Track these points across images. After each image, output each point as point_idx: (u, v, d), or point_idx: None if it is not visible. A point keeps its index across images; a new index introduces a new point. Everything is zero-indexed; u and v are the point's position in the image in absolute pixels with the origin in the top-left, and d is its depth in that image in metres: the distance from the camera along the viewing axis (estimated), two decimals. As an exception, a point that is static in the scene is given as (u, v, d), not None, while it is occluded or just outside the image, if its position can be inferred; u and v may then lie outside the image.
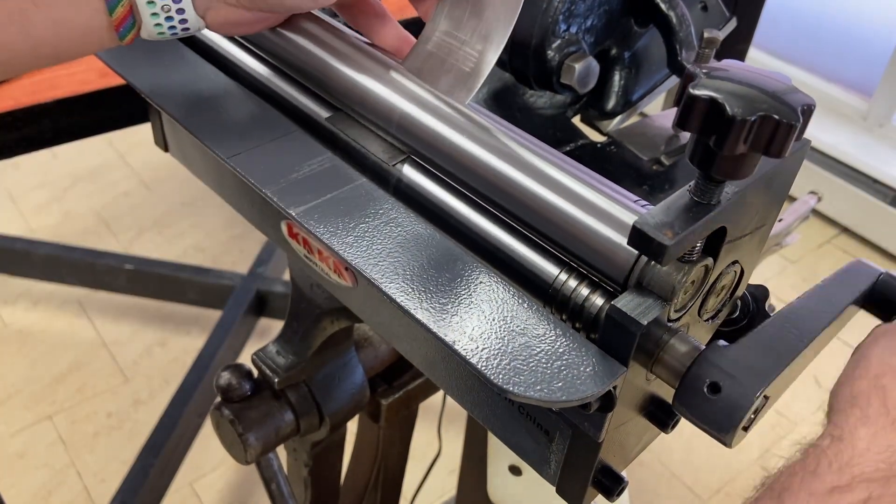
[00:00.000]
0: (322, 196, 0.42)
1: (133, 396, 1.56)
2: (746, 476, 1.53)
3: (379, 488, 0.84)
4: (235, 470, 1.45)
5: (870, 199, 2.05)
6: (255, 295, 1.63)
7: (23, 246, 1.71)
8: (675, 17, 0.55)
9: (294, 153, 0.45)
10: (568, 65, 0.53)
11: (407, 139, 0.45)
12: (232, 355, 1.58)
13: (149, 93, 0.50)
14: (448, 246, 0.39)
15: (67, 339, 1.67)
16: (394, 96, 0.46)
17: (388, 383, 0.74)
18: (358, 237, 0.39)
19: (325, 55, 0.49)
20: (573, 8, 0.53)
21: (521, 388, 0.32)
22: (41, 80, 0.72)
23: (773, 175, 0.37)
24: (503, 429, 0.42)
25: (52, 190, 2.04)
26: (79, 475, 1.43)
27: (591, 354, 0.34)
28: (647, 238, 0.32)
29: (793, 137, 0.30)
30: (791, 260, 2.04)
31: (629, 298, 0.34)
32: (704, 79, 0.31)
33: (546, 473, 0.42)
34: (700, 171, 0.33)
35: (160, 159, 2.11)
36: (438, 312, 0.35)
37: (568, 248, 0.39)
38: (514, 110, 0.59)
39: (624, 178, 0.55)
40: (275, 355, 0.65)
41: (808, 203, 0.74)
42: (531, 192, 0.40)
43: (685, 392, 0.35)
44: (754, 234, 0.40)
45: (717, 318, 0.43)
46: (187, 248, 1.90)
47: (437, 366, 0.44)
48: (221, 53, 0.56)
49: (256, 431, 0.63)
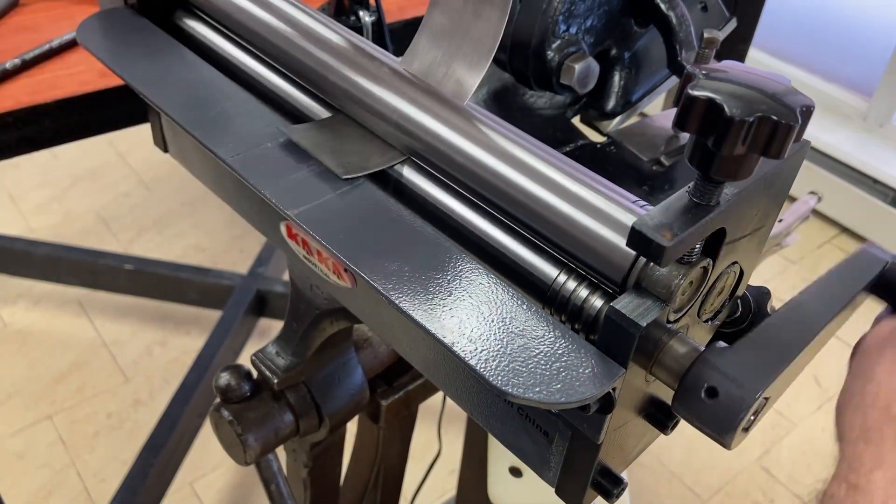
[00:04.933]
0: (321, 197, 0.42)
1: (133, 396, 1.56)
2: (746, 476, 1.53)
3: (379, 489, 0.84)
4: (235, 470, 1.45)
5: (870, 199, 2.05)
6: (255, 295, 1.63)
7: (23, 246, 1.71)
8: (675, 18, 0.54)
9: (293, 154, 0.45)
10: (568, 65, 0.53)
11: (405, 140, 0.45)
12: (232, 355, 1.58)
13: (148, 93, 0.50)
14: (447, 247, 0.39)
15: (67, 339, 1.67)
16: (393, 97, 0.46)
17: (388, 384, 0.74)
18: (356, 238, 0.39)
19: (325, 56, 0.49)
20: (573, 8, 0.53)
21: (520, 389, 0.32)
22: (41, 80, 0.72)
23: (772, 176, 0.37)
24: (502, 430, 0.42)
25: (52, 190, 2.04)
26: (79, 475, 1.43)
27: (591, 356, 0.34)
28: (646, 239, 0.32)
29: (791, 138, 0.30)
30: (791, 260, 2.04)
31: (628, 300, 0.34)
32: (703, 79, 0.31)
33: (545, 475, 0.42)
34: (699, 171, 0.33)
35: (160, 159, 2.11)
36: (437, 314, 0.35)
37: (567, 250, 0.39)
38: (513, 111, 0.59)
39: (624, 178, 0.55)
40: (274, 356, 0.65)
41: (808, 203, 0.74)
42: (530, 192, 0.40)
43: (684, 394, 0.35)
44: (754, 234, 0.40)
45: (717, 320, 0.43)
46: (187, 248, 1.90)
47: (437, 367, 0.44)
48: (221, 54, 0.56)
49: (256, 432, 0.63)
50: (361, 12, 0.70)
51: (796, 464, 1.56)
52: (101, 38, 0.55)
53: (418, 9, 0.86)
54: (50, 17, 0.82)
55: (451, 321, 0.35)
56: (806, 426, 1.63)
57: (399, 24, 0.83)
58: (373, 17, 0.70)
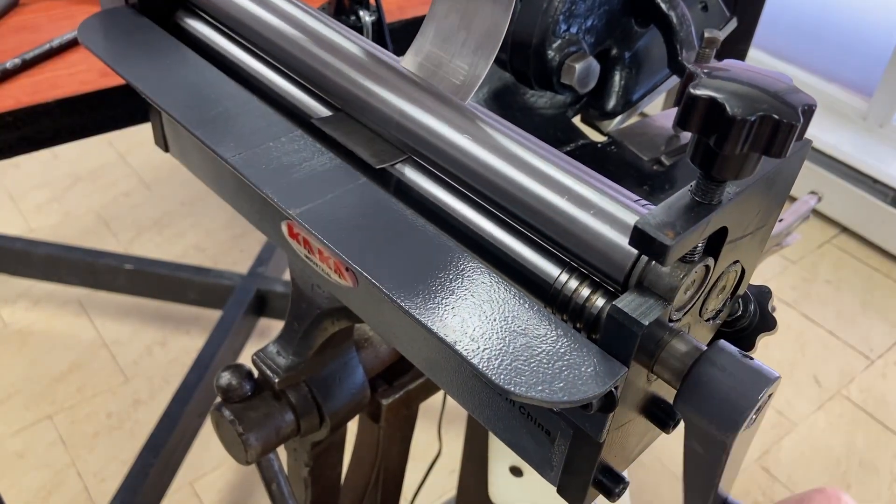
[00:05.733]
0: (323, 196, 0.42)
1: (133, 396, 1.57)
2: (746, 476, 1.53)
3: (379, 488, 0.84)
4: (235, 470, 1.45)
5: (870, 199, 2.05)
6: (255, 295, 1.63)
7: (23, 246, 1.71)
8: (675, 17, 0.55)
9: (294, 153, 0.45)
10: (568, 65, 0.53)
11: (407, 139, 0.45)
12: (232, 355, 1.58)
13: (149, 93, 0.50)
14: (449, 246, 0.39)
15: (67, 339, 1.67)
16: (393, 96, 0.46)
17: (389, 383, 0.74)
18: (358, 237, 0.39)
19: (326, 55, 0.49)
20: (573, 8, 0.53)
21: (523, 388, 0.32)
22: (41, 80, 0.72)
23: (774, 175, 0.37)
24: (504, 429, 0.42)
25: (52, 190, 2.04)
26: (79, 475, 1.43)
27: (593, 355, 0.34)
28: (648, 238, 0.32)
29: (793, 137, 0.30)
30: (791, 260, 2.04)
31: (630, 299, 0.34)
32: (705, 78, 0.31)
33: (547, 474, 0.42)
34: (701, 171, 0.33)
35: (160, 159, 2.11)
36: (439, 313, 0.35)
37: (569, 249, 0.39)
38: (514, 110, 0.59)
39: (624, 178, 0.55)
40: (275, 355, 0.65)
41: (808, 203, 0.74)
42: (532, 192, 0.40)
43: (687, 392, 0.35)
44: (755, 233, 0.40)
45: (719, 319, 0.43)
46: (187, 248, 1.90)
47: (438, 366, 0.44)
48: (222, 53, 0.56)
49: (257, 432, 0.63)
50: (361, 12, 0.70)
51: (796, 464, 1.56)
52: (102, 38, 0.55)
53: (418, 8, 0.86)
54: (50, 17, 0.82)
55: (453, 320, 0.35)
56: (806, 426, 1.63)
57: (399, 24, 0.83)
58: (373, 17, 0.71)
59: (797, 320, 1.87)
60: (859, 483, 1.53)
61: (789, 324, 1.86)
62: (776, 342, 1.77)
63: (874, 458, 1.58)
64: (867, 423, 1.64)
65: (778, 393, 1.52)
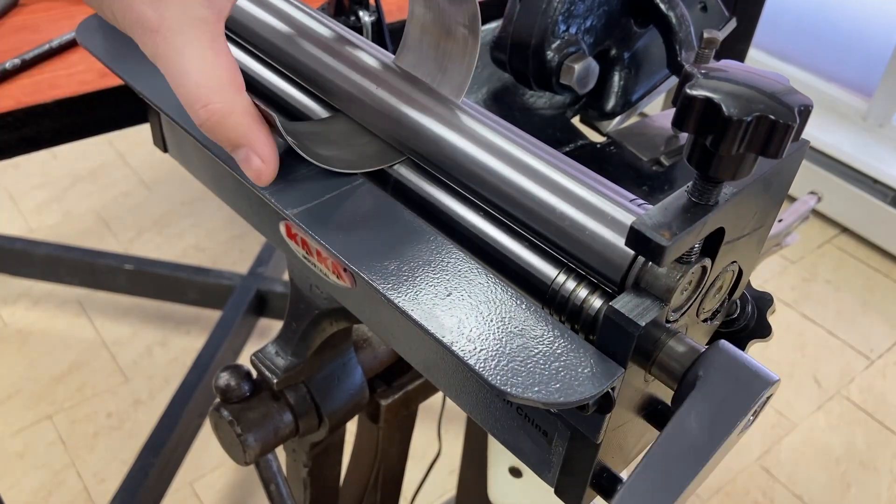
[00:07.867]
0: (320, 197, 0.42)
1: (133, 396, 1.57)
2: (746, 476, 1.53)
3: (379, 489, 0.84)
4: (235, 470, 1.45)
5: (870, 199, 2.05)
6: (255, 295, 1.63)
7: (23, 246, 1.71)
8: (674, 18, 0.55)
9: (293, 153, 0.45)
10: (567, 65, 0.53)
11: (405, 140, 0.45)
12: (232, 355, 1.58)
13: (147, 93, 0.49)
14: (447, 247, 0.39)
15: (67, 339, 1.67)
16: (392, 97, 0.46)
17: (388, 384, 0.74)
18: (356, 238, 0.39)
19: (325, 56, 0.49)
20: (573, 8, 0.53)
21: (519, 389, 0.32)
22: (41, 80, 0.72)
23: (771, 175, 0.37)
24: (501, 430, 0.42)
25: (52, 190, 2.04)
26: (79, 475, 1.43)
27: (589, 356, 0.34)
28: (644, 239, 0.32)
29: (790, 138, 0.30)
30: (791, 260, 2.04)
31: (627, 299, 0.34)
32: (701, 79, 0.31)
33: (545, 475, 0.42)
34: (697, 171, 0.33)
35: (160, 159, 2.11)
36: (436, 313, 0.35)
37: (566, 249, 0.39)
38: (513, 110, 0.59)
39: (624, 178, 0.55)
40: (273, 356, 0.65)
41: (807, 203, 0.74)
42: (530, 192, 0.40)
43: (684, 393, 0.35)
44: (753, 234, 0.40)
45: (716, 320, 0.43)
46: (187, 248, 1.90)
47: (436, 367, 0.44)
48: (220, 54, 0.56)
49: (255, 432, 0.63)
50: (361, 12, 0.70)
51: (796, 464, 1.56)
52: (100, 38, 0.55)
53: (418, 9, 0.86)
54: (50, 17, 0.82)
55: (450, 321, 0.35)
56: (806, 426, 1.63)
57: (399, 24, 0.83)
58: (372, 17, 0.71)
59: (797, 320, 1.87)
60: (859, 483, 1.53)
61: (789, 324, 1.86)
62: (776, 342, 1.77)
63: (874, 458, 1.58)
64: (867, 423, 1.64)
65: (778, 393, 1.52)
